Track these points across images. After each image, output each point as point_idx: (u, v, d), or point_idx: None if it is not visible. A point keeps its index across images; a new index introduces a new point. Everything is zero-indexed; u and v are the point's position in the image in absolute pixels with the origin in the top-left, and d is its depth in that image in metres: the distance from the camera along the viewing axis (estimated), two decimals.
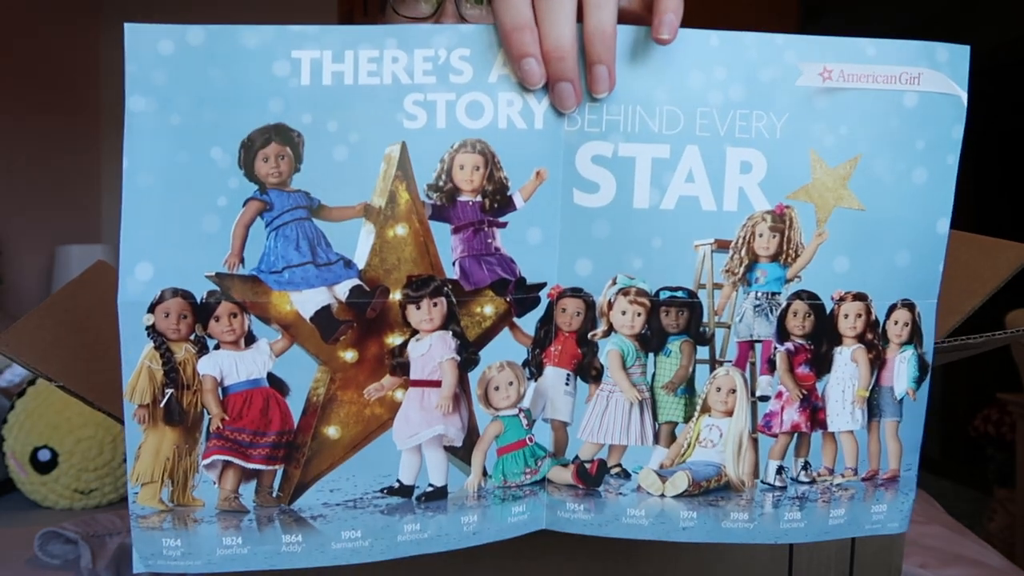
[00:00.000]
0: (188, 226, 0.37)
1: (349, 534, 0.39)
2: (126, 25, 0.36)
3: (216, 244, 0.37)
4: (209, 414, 0.38)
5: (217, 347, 0.38)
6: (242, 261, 0.37)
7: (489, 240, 0.40)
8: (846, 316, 0.41)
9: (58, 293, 0.48)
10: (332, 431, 0.39)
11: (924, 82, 0.40)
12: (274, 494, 0.39)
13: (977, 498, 2.61)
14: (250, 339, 0.38)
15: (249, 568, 0.38)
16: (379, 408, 0.39)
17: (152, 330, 0.37)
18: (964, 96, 0.40)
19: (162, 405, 0.37)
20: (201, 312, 0.37)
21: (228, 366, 0.38)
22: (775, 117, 0.39)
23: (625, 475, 0.41)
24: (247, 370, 0.38)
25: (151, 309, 0.37)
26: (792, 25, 3.07)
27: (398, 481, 0.40)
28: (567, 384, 0.41)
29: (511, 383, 0.40)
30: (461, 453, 0.40)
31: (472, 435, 0.40)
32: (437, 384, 0.40)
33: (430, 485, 0.40)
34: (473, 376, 0.40)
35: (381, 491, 0.39)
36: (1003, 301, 0.50)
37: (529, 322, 0.40)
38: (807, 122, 0.40)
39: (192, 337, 0.38)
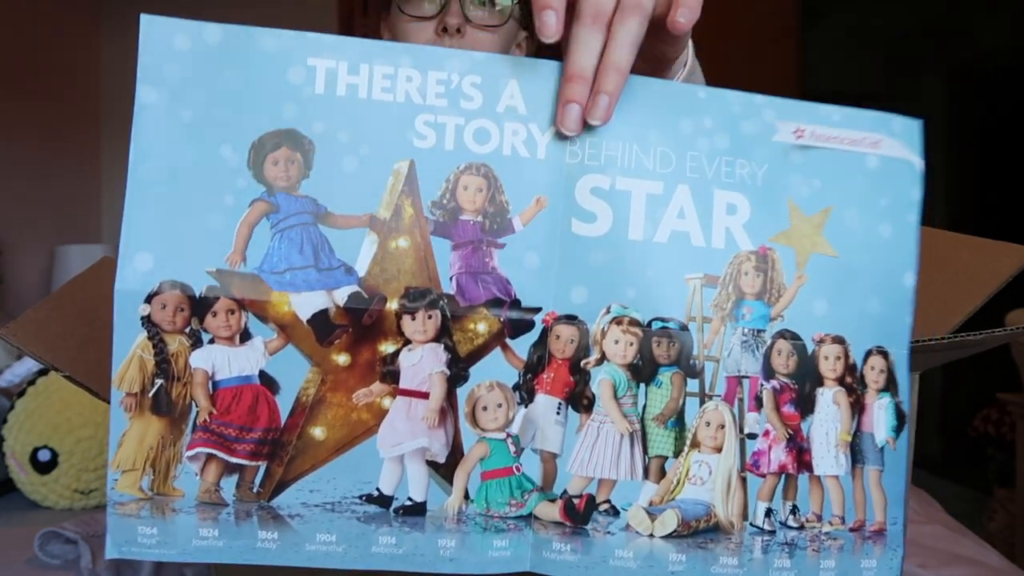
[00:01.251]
0: (192, 221, 0.38)
1: (324, 537, 0.39)
2: (142, 16, 0.38)
3: (219, 241, 0.38)
4: (197, 407, 0.38)
5: (211, 341, 0.38)
6: (244, 260, 0.39)
7: (487, 259, 0.41)
8: (826, 358, 0.41)
9: (65, 286, 0.49)
10: (318, 432, 0.39)
11: (884, 147, 0.42)
12: (255, 490, 0.39)
13: (977, 498, 2.57)
14: (245, 336, 0.39)
15: (222, 561, 0.38)
16: (366, 414, 0.40)
17: (147, 320, 0.38)
18: (919, 163, 0.42)
19: (151, 395, 0.38)
20: (198, 306, 0.38)
21: (221, 361, 0.38)
22: (756, 166, 0.42)
23: (614, 512, 0.41)
24: (239, 366, 0.39)
25: (148, 299, 0.38)
26: (791, 26, 3.03)
27: (377, 490, 0.39)
28: (558, 413, 0.41)
29: (500, 405, 0.41)
30: (444, 471, 0.40)
31: (456, 453, 0.40)
32: (425, 396, 0.40)
33: (409, 499, 0.40)
34: (462, 393, 0.40)
35: (360, 497, 0.39)
36: (1003, 301, 0.51)
37: (522, 346, 0.41)
38: (784, 173, 0.42)
39: (187, 330, 0.38)
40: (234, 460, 0.38)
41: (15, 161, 2.74)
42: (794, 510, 0.41)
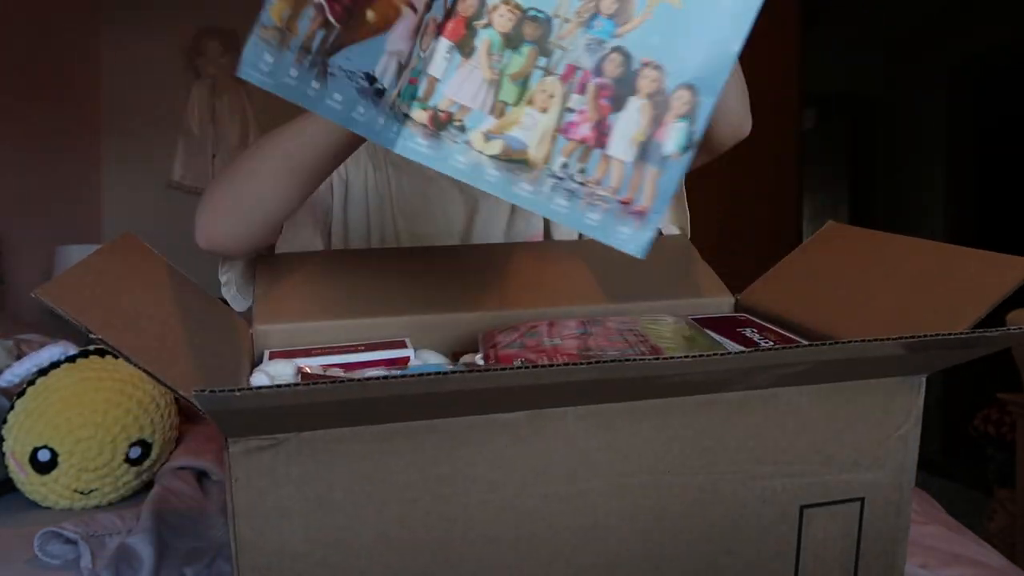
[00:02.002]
0: None
1: (336, 96, 0.51)
2: None
3: None
4: None
5: None
6: None
7: None
8: (645, 77, 0.52)
9: (88, 259, 0.50)
10: (370, 14, 0.55)
11: None
12: (328, 44, 0.55)
13: (977, 498, 2.59)
14: None
15: (291, 98, 0.49)
16: (392, 12, 0.53)
17: None
18: None
19: None
20: None
21: None
22: None
23: (462, 129, 0.56)
24: None
25: None
26: (791, 26, 2.84)
27: (372, 72, 0.57)
28: (448, 53, 0.56)
29: (431, 33, 0.57)
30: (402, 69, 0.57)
31: (412, 59, 0.57)
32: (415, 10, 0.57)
33: (379, 80, 0.57)
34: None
35: (363, 75, 0.56)
36: (1003, 302, 0.52)
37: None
38: None
39: None
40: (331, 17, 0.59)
41: (15, 161, 2.67)
42: (583, 170, 0.53)
